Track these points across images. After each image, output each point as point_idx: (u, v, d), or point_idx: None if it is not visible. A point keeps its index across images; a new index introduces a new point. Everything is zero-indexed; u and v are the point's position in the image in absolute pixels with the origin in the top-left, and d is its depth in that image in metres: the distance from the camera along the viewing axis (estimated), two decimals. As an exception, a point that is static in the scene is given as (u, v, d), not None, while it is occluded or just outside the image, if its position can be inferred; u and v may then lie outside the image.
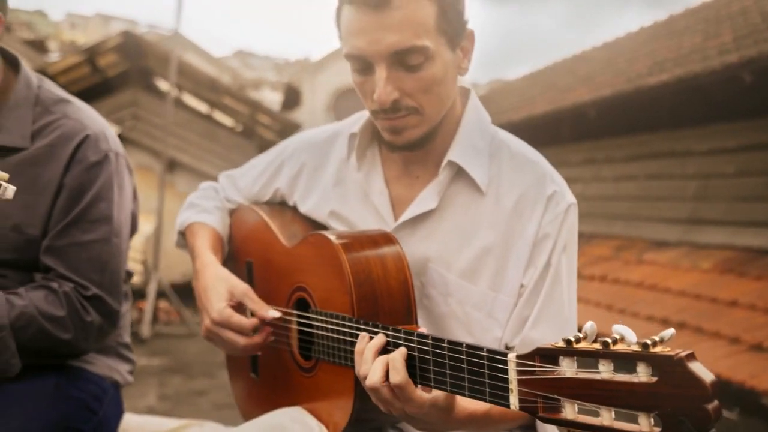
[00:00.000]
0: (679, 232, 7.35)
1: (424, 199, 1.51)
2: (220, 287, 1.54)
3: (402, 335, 1.23)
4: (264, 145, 15.47)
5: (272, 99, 28.82)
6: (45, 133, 1.69)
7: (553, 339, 1.37)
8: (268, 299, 1.60)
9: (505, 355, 1.06)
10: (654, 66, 8.05)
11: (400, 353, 1.20)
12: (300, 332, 1.54)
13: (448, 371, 1.16)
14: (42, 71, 13.82)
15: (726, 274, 6.23)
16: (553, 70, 13.80)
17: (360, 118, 1.65)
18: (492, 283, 1.46)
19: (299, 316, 1.53)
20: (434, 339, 1.19)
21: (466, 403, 1.24)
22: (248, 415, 1.79)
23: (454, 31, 1.41)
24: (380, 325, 1.29)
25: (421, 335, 1.21)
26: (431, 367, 1.19)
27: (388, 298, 1.39)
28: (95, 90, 12.93)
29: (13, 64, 1.74)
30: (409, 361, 1.21)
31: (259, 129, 14.67)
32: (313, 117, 26.35)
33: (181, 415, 3.81)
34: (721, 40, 7.33)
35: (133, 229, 1.89)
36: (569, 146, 9.50)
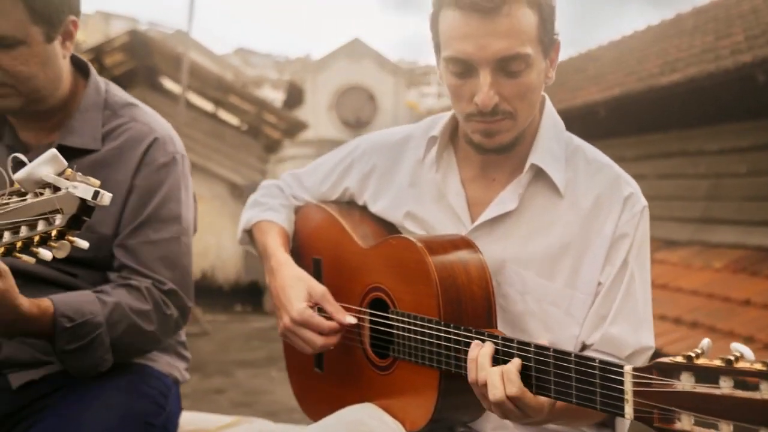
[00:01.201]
0: (691, 231, 7.39)
1: (504, 201, 1.55)
2: (299, 287, 1.60)
3: (514, 345, 1.28)
4: (270, 145, 15.50)
5: (273, 97, 28.79)
6: (114, 136, 1.74)
7: (631, 336, 1.43)
8: (338, 296, 1.64)
9: (621, 367, 1.12)
10: (665, 65, 8.09)
11: (514, 365, 1.26)
12: (374, 330, 1.58)
13: (552, 378, 1.23)
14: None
15: (738, 273, 6.27)
16: (560, 68, 13.76)
17: (435, 122, 1.70)
18: (569, 282, 1.50)
19: (375, 315, 1.57)
20: (537, 347, 1.25)
21: None
22: (309, 408, 1.84)
23: (549, 41, 1.48)
24: (474, 330, 1.35)
25: (523, 343, 1.27)
26: (533, 374, 1.26)
27: (471, 302, 1.44)
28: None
29: (83, 69, 1.78)
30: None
31: (266, 128, 14.69)
32: (315, 116, 26.37)
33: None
34: (734, 39, 7.37)
35: (194, 229, 1.93)
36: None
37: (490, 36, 1.39)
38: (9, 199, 1.28)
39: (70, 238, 1.20)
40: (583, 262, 1.50)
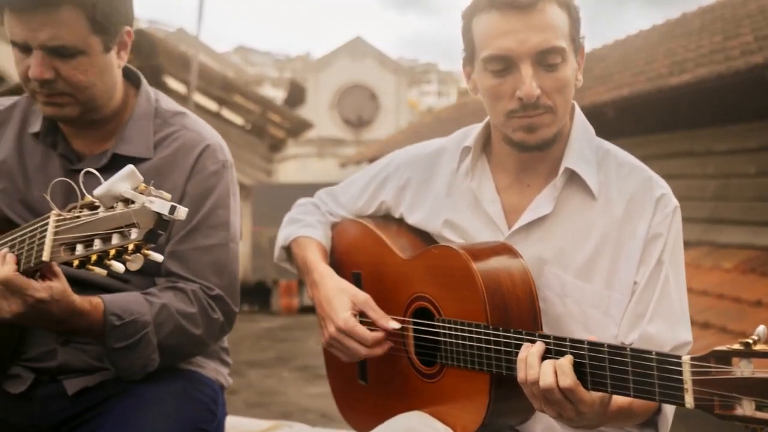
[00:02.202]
0: (699, 231, 7.41)
1: (540, 205, 1.59)
2: (342, 297, 1.64)
3: (567, 343, 1.32)
4: (275, 144, 15.52)
5: (273, 96, 28.78)
6: (166, 144, 1.77)
7: (668, 334, 1.48)
8: (381, 308, 1.67)
9: (679, 357, 1.16)
10: (673, 66, 8.10)
11: (567, 359, 1.30)
12: (419, 339, 1.60)
13: (608, 373, 1.27)
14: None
15: (748, 273, 6.29)
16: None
17: (467, 134, 1.75)
18: (606, 283, 1.55)
19: (419, 324, 1.59)
20: (591, 344, 1.29)
21: (615, 397, 1.34)
22: (355, 420, 1.87)
23: (578, 41, 1.56)
24: (524, 332, 1.38)
25: (575, 341, 1.31)
26: (588, 370, 1.29)
27: (516, 306, 1.47)
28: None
29: (133, 79, 1.80)
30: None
31: (270, 127, 14.72)
32: (317, 114, 26.38)
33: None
34: (743, 40, 7.38)
35: (240, 236, 1.95)
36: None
37: (529, 30, 1.48)
38: (80, 212, 1.30)
39: (146, 251, 1.22)
40: (619, 263, 1.55)
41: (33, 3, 1.54)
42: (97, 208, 1.29)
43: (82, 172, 1.33)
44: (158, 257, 1.26)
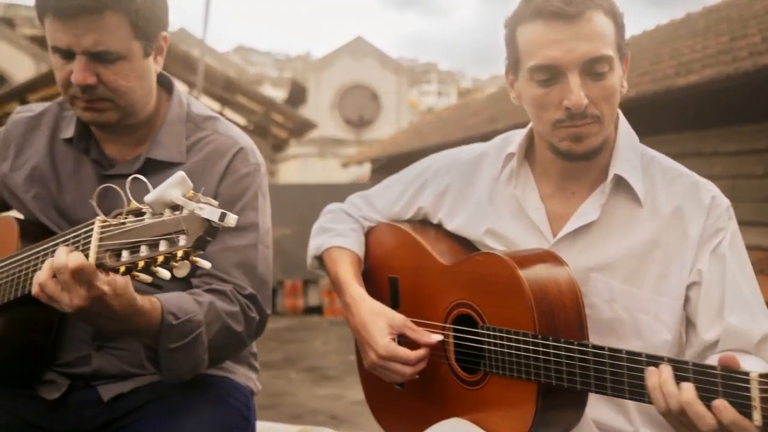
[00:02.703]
0: (707, 232, 7.39)
1: (586, 212, 1.58)
2: (379, 322, 1.63)
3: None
4: (278, 144, 15.52)
5: (274, 95, 28.77)
6: (198, 148, 1.76)
7: (751, 323, 1.47)
8: (419, 314, 1.66)
9: (747, 374, 1.14)
10: (680, 66, 8.09)
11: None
12: (460, 346, 1.59)
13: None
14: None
15: (758, 275, 6.26)
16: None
17: (508, 140, 1.74)
18: (655, 288, 1.54)
19: (461, 331, 1.58)
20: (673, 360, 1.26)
21: None
22: (391, 426, 1.85)
23: (623, 48, 1.54)
24: (576, 342, 1.38)
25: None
26: None
27: (563, 314, 1.46)
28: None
29: (165, 84, 1.79)
30: None
31: (273, 127, 14.70)
32: (318, 114, 26.38)
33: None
34: (750, 41, 7.38)
35: None
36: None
37: (576, 39, 1.46)
38: (125, 218, 1.29)
39: (194, 258, 1.21)
40: (669, 267, 1.54)
41: (78, 9, 1.53)
42: (142, 214, 1.27)
43: (129, 178, 1.31)
44: (206, 264, 1.25)
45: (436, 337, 1.60)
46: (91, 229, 1.36)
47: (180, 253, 1.20)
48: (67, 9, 1.53)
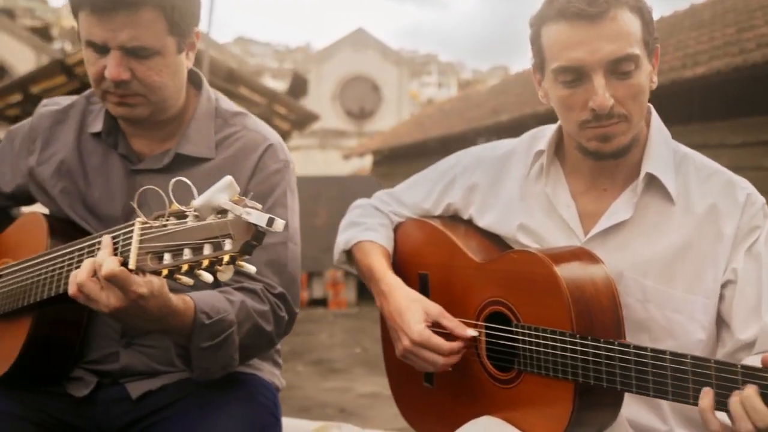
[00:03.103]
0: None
1: (618, 210, 1.57)
2: (415, 309, 1.61)
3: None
4: (281, 136, 15.41)
5: (274, 87, 28.72)
6: (228, 144, 1.74)
7: None
8: (450, 311, 1.64)
9: None
10: (686, 58, 8.07)
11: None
12: (493, 344, 1.59)
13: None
14: (61, 62, 13.80)
15: None
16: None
17: (537, 136, 1.73)
18: (689, 287, 1.52)
19: (494, 329, 1.57)
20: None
21: None
22: (420, 423, 1.84)
23: (652, 44, 1.52)
24: (616, 342, 1.37)
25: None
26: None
27: (600, 313, 1.44)
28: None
29: (195, 80, 1.78)
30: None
31: (276, 119, 14.62)
32: (319, 106, 26.28)
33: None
34: (758, 32, 7.36)
35: None
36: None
37: (600, 40, 1.44)
38: (167, 220, 1.27)
39: (240, 262, 1.20)
40: (703, 266, 1.52)
41: (114, 4, 1.51)
42: (185, 217, 1.26)
43: (173, 181, 1.30)
44: (251, 268, 1.23)
45: (471, 332, 1.59)
46: (131, 231, 1.35)
47: (226, 258, 1.19)
48: (104, 4, 1.52)
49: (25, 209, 2.03)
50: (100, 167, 1.76)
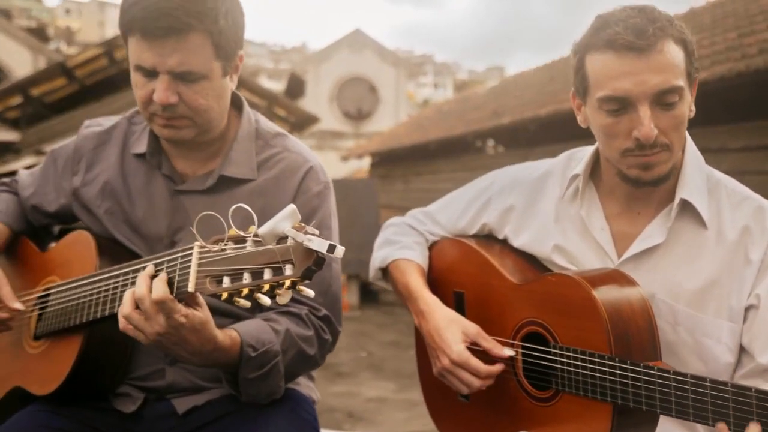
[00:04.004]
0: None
1: (652, 234, 1.62)
2: (453, 329, 1.67)
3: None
4: (280, 138, 15.43)
5: (271, 87, 28.66)
6: (269, 165, 1.79)
7: None
8: (485, 329, 1.70)
9: None
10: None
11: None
12: (529, 363, 1.64)
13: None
14: (61, 64, 13.83)
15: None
16: (569, 63, 13.85)
17: (572, 159, 1.78)
18: (718, 311, 1.57)
19: (531, 349, 1.62)
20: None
21: None
22: None
23: (693, 75, 1.56)
24: (657, 368, 1.42)
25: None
26: None
27: (637, 335, 1.49)
28: (110, 82, 12.93)
29: (236, 102, 1.82)
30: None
31: (275, 121, 14.65)
32: (317, 107, 26.31)
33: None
34: (759, 37, 7.41)
35: None
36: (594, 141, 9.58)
37: (647, 72, 1.48)
38: (225, 245, 1.31)
39: (300, 287, 1.24)
40: (732, 291, 1.56)
41: (166, 30, 1.55)
42: (243, 241, 1.31)
43: (234, 207, 1.34)
44: (310, 293, 1.28)
45: (508, 352, 1.64)
46: (190, 254, 1.39)
47: (288, 282, 1.24)
48: (155, 30, 1.56)
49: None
50: (143, 187, 1.80)
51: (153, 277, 1.46)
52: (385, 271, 1.93)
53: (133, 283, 1.48)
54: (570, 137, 10.17)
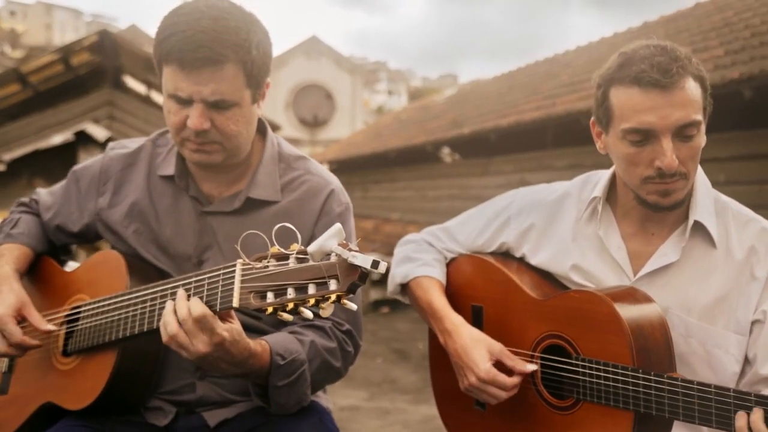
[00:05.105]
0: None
1: (667, 253, 1.74)
2: (480, 348, 1.78)
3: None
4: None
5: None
6: (293, 187, 1.86)
7: None
8: (504, 342, 1.81)
9: None
10: (646, 76, 8.34)
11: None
12: (548, 373, 1.75)
13: None
14: (15, 70, 13.53)
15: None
16: (529, 73, 14.16)
17: (588, 182, 1.90)
18: (727, 324, 1.69)
19: (552, 360, 1.72)
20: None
21: None
22: None
23: (708, 108, 1.69)
24: (680, 379, 1.53)
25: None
26: None
27: (655, 348, 1.61)
28: (65, 89, 12.71)
29: (260, 127, 1.89)
30: None
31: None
32: (273, 114, 26.24)
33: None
34: (713, 53, 7.68)
35: None
36: (555, 151, 9.82)
37: (671, 107, 1.60)
38: (267, 262, 1.38)
39: (344, 300, 1.31)
40: (739, 305, 1.69)
41: (203, 61, 1.62)
42: (286, 258, 1.38)
43: (277, 227, 1.41)
44: (353, 306, 1.37)
45: (531, 367, 1.74)
46: (233, 271, 1.46)
47: (333, 296, 1.31)
48: (192, 61, 1.62)
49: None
50: (170, 208, 1.86)
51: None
52: (403, 287, 2.00)
53: (173, 300, 1.55)
54: (530, 147, 10.40)
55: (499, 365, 1.75)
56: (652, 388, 1.55)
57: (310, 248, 1.33)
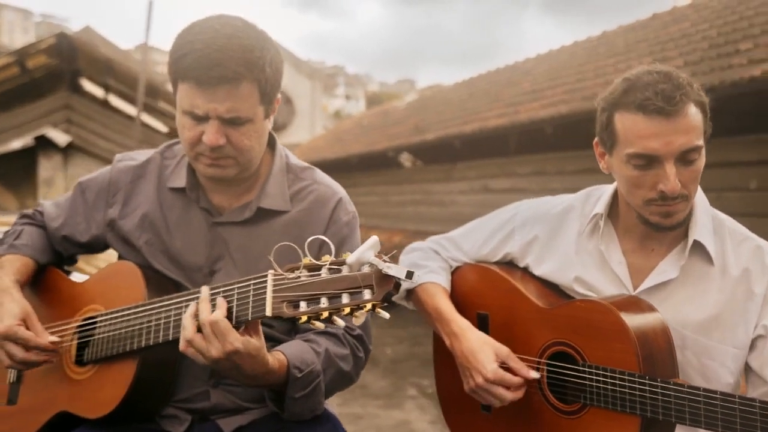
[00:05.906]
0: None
1: (665, 270, 1.82)
2: (487, 350, 1.84)
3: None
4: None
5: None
6: (301, 197, 1.91)
7: None
8: (510, 348, 1.87)
9: None
10: (607, 85, 8.48)
11: None
12: (554, 379, 1.82)
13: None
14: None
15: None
16: (490, 80, 14.35)
17: (591, 197, 1.97)
18: (722, 338, 1.78)
19: (558, 366, 1.79)
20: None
21: None
22: None
23: (708, 132, 1.76)
24: (686, 385, 1.63)
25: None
26: None
27: (659, 354, 1.69)
28: (21, 92, 12.46)
29: (270, 140, 1.93)
30: None
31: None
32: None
33: None
34: (673, 63, 7.88)
35: None
36: (518, 158, 9.98)
37: (675, 133, 1.67)
38: (300, 272, 1.42)
39: (379, 309, 1.36)
40: (735, 321, 1.77)
41: (219, 80, 1.65)
42: (319, 269, 1.41)
43: (310, 239, 1.48)
44: (386, 315, 1.42)
45: (534, 374, 1.82)
46: (265, 281, 1.50)
47: (368, 306, 1.36)
48: (209, 79, 1.66)
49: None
50: (180, 220, 1.89)
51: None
52: (409, 292, 2.06)
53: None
54: (493, 154, 10.54)
55: (505, 369, 1.81)
56: (659, 394, 1.62)
57: (349, 259, 1.39)
